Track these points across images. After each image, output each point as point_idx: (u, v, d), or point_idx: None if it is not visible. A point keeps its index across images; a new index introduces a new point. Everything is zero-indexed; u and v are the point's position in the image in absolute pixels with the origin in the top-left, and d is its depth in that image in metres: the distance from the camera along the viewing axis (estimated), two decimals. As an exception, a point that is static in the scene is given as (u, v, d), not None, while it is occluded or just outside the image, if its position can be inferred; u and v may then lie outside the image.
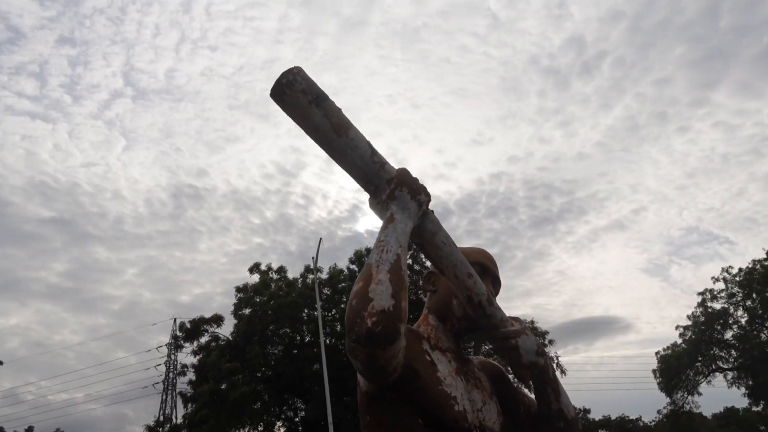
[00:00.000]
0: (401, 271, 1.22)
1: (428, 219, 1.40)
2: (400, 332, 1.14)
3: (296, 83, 1.26)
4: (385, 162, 1.38)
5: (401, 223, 1.31)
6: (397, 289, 1.17)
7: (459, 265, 1.40)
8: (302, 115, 1.29)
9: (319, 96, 1.29)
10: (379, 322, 1.10)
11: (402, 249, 1.26)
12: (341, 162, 1.35)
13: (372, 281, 1.17)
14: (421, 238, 1.40)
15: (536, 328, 22.50)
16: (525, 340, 1.45)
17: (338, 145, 1.31)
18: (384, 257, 1.23)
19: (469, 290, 1.41)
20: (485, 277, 1.57)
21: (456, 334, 1.56)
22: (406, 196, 1.35)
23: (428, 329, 1.55)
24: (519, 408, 1.63)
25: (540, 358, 1.47)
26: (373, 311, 1.11)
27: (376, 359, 1.14)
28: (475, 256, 1.60)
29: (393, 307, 1.13)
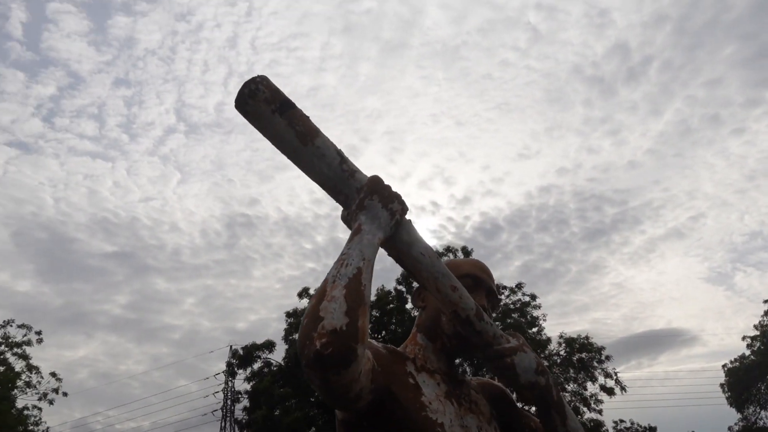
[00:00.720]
0: (361, 286, 1.11)
1: (403, 229, 1.29)
2: (356, 354, 1.03)
3: (259, 92, 1.21)
4: (355, 170, 1.30)
5: (368, 234, 1.20)
6: (354, 306, 1.06)
7: (441, 277, 1.29)
8: (266, 125, 1.24)
9: (283, 104, 1.23)
10: (330, 343, 1.00)
11: (365, 262, 1.15)
12: (309, 172, 1.27)
13: (324, 298, 1.07)
14: (396, 251, 1.30)
15: (591, 344, 21.76)
16: (522, 358, 1.33)
17: (304, 154, 1.24)
18: (342, 272, 1.12)
19: (454, 305, 1.29)
20: (478, 290, 1.47)
21: (448, 354, 1.45)
22: (376, 205, 1.24)
23: (415, 349, 1.44)
24: None
25: (540, 377, 1.34)
26: (323, 331, 1.01)
27: (331, 384, 1.03)
28: (466, 268, 1.51)
29: (347, 326, 1.03)
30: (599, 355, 21.44)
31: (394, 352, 1.36)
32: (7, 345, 21.87)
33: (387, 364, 1.27)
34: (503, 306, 21.15)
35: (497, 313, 21.15)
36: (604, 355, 21.95)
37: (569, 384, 21.27)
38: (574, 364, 21.28)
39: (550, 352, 21.62)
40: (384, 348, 1.34)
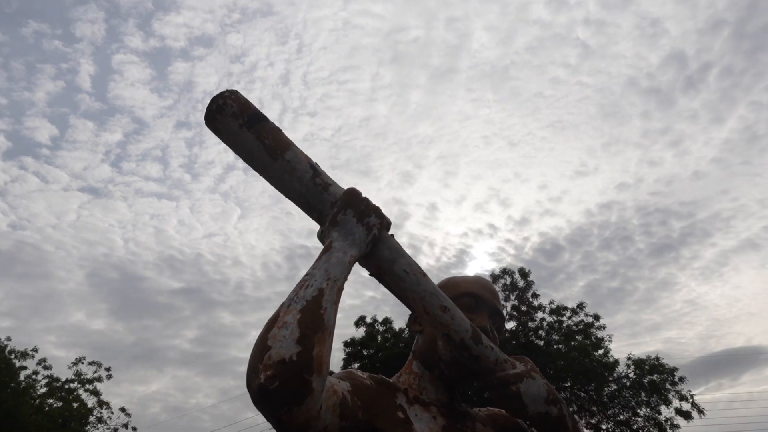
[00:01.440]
0: (320, 309, 0.98)
1: (384, 245, 1.18)
2: (310, 387, 0.90)
3: (227, 107, 1.16)
4: (330, 183, 1.20)
5: (338, 252, 1.09)
6: (308, 333, 0.93)
7: (428, 297, 1.17)
8: (235, 141, 1.17)
9: (252, 117, 1.17)
10: (276, 375, 0.87)
11: (330, 282, 1.03)
12: (280, 188, 1.20)
13: (275, 325, 0.94)
14: (377, 269, 1.19)
15: (662, 365, 20.76)
16: (530, 385, 1.18)
17: (274, 169, 1.17)
18: (300, 294, 1.00)
19: (445, 327, 1.17)
20: (479, 310, 1.34)
21: (447, 383, 1.30)
22: (350, 219, 1.13)
23: (410, 378, 1.31)
24: None
25: (552, 407, 1.18)
26: (269, 363, 0.89)
27: (284, 423, 0.91)
28: (465, 286, 1.38)
29: (298, 355, 0.90)
30: (672, 377, 20.42)
31: (382, 383, 1.24)
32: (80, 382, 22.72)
33: (371, 397, 1.15)
34: (566, 328, 20.53)
35: (560, 335, 20.52)
36: (677, 376, 20.89)
37: (641, 408, 20.31)
38: (646, 387, 20.32)
39: (619, 374, 20.75)
40: (370, 378, 1.22)
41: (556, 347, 20.24)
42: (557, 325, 20.75)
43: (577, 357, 19.21)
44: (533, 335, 20.72)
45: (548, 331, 20.75)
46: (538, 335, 20.76)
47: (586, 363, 19.18)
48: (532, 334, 20.75)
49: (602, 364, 19.73)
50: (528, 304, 21.08)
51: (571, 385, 19.89)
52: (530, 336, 20.64)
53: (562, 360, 19.24)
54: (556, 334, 20.70)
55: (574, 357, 19.18)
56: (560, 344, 20.36)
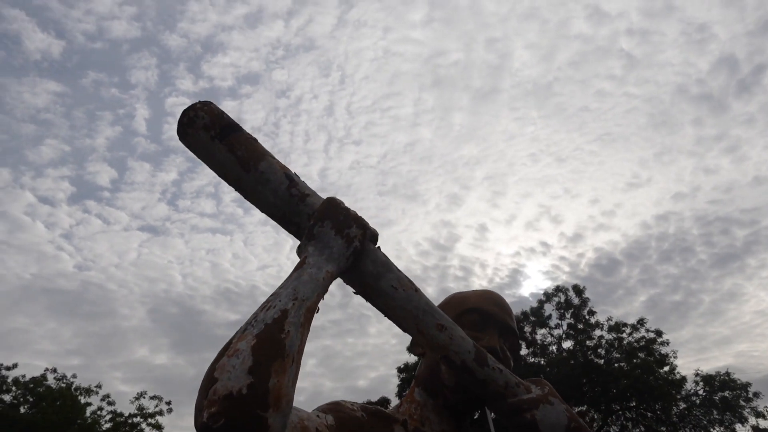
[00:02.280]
0: (281, 333, 0.84)
1: (367, 258, 1.07)
2: (264, 425, 0.76)
3: (197, 119, 1.09)
4: (308, 194, 1.10)
5: (312, 268, 0.96)
6: (263, 361, 0.80)
7: (422, 315, 1.05)
8: (207, 154, 1.10)
9: (225, 129, 1.10)
10: (220, 413, 0.74)
11: (297, 302, 0.89)
12: (254, 202, 1.12)
13: (225, 353, 0.81)
14: (361, 286, 1.08)
15: (734, 380, 19.67)
16: (547, 412, 1.03)
17: (247, 182, 1.09)
18: (260, 317, 0.86)
19: (443, 348, 1.05)
20: (487, 328, 1.19)
21: (453, 412, 1.15)
22: (328, 232, 1.02)
23: (411, 408, 1.17)
24: None
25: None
26: (214, 398, 0.76)
27: None
28: (472, 301, 1.24)
29: (248, 387, 0.77)
30: (745, 393, 19.31)
31: (376, 416, 1.11)
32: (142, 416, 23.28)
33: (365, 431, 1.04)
34: (627, 345, 19.79)
35: (620, 352, 19.77)
36: (751, 392, 19.73)
37: (714, 427, 19.26)
38: (717, 405, 19.27)
39: (687, 392, 19.79)
40: (363, 410, 1.10)
41: (617, 365, 19.52)
42: (617, 342, 20.04)
43: (640, 375, 18.45)
44: (592, 354, 20.06)
45: (608, 349, 20.06)
46: (597, 354, 20.10)
47: (651, 381, 18.43)
48: (591, 352, 20.09)
49: (668, 382, 18.90)
50: (585, 321, 20.47)
51: (636, 404, 19.09)
52: (589, 355, 19.99)
53: (625, 379, 18.53)
54: (616, 351, 19.99)
55: (638, 375, 18.43)
56: (622, 362, 19.62)
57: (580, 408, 20.03)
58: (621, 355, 19.82)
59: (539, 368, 20.11)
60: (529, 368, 20.04)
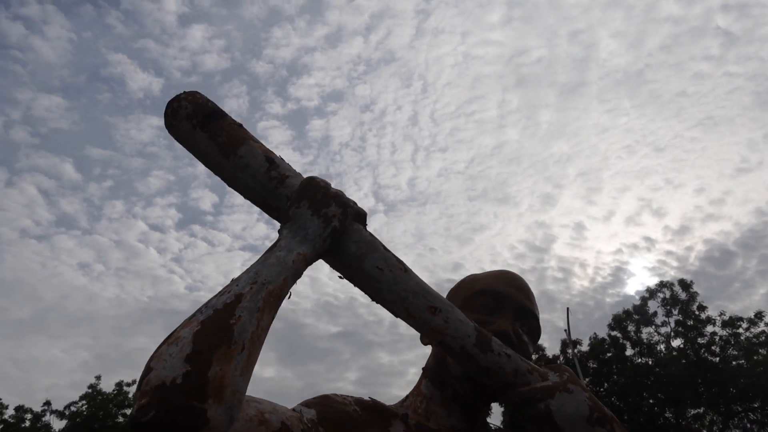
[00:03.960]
0: (231, 319, 0.77)
1: (349, 239, 0.99)
2: (203, 417, 0.69)
3: (181, 109, 1.07)
4: (288, 176, 1.04)
5: (281, 251, 0.90)
6: (204, 348, 0.73)
7: (412, 297, 0.97)
8: (190, 144, 1.08)
9: (207, 117, 1.07)
10: (150, 405, 0.68)
11: (256, 286, 0.83)
12: (236, 188, 1.07)
13: (167, 341, 0.76)
14: (345, 268, 1.01)
15: None
16: (565, 401, 0.92)
17: (228, 168, 1.05)
18: (211, 303, 0.80)
19: (438, 333, 0.95)
20: (502, 311, 1.09)
21: (463, 405, 1.05)
22: (304, 213, 0.95)
23: (416, 402, 1.08)
24: None
25: (599, 428, 0.91)
26: (146, 389, 0.70)
27: None
28: (483, 283, 1.14)
29: (184, 377, 0.70)
30: None
31: (372, 410, 1.02)
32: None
33: (350, 428, 0.95)
34: (745, 341, 18.51)
35: (738, 349, 18.54)
36: None
37: None
38: None
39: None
40: (358, 404, 1.02)
41: (735, 363, 18.35)
42: (733, 338, 18.81)
43: (763, 373, 17.22)
44: (706, 351, 18.99)
45: (723, 347, 18.88)
46: (711, 351, 19.00)
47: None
48: (704, 350, 19.02)
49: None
50: (694, 317, 19.41)
51: (761, 405, 17.80)
52: (702, 353, 18.94)
53: (744, 377, 17.38)
54: (733, 348, 18.77)
55: (760, 373, 17.23)
56: (740, 360, 18.41)
57: (697, 410, 19.03)
58: (739, 352, 18.59)
59: (647, 369, 19.38)
60: (636, 369, 19.37)
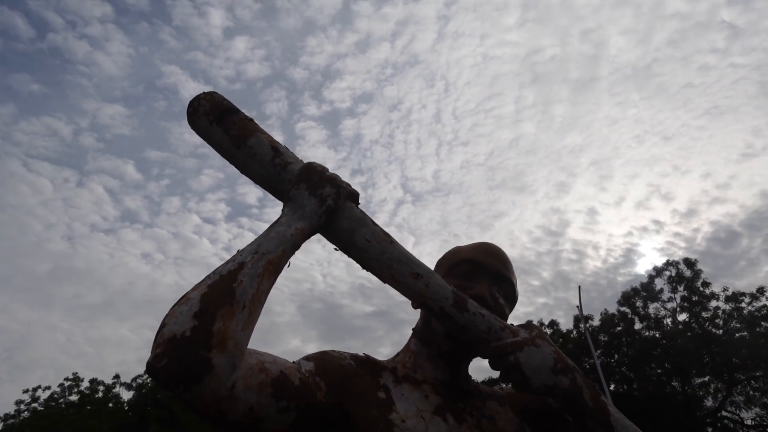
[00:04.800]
0: (234, 283, 0.87)
1: (342, 216, 1.10)
2: (209, 364, 0.78)
3: (200, 107, 1.19)
4: (290, 162, 1.15)
5: (281, 226, 1.01)
6: (209, 308, 0.82)
7: (396, 265, 1.09)
8: (208, 137, 1.20)
9: (222, 113, 1.18)
10: (164, 354, 0.77)
11: (257, 256, 0.93)
12: (248, 174, 1.18)
13: (178, 302, 0.85)
14: (339, 241, 1.12)
15: None
16: (531, 354, 1.02)
17: (239, 158, 1.16)
18: (218, 270, 0.90)
19: (420, 296, 1.08)
20: (479, 277, 1.20)
21: (448, 360, 1.17)
22: (302, 193, 1.06)
23: (406, 357, 1.20)
24: None
25: (561, 377, 1.01)
26: (160, 341, 0.79)
27: (190, 404, 0.80)
28: (464, 253, 1.26)
29: (192, 330, 0.79)
30: None
31: (365, 364, 1.13)
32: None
33: (342, 378, 1.04)
34: (748, 315, 19.49)
35: (741, 322, 19.49)
36: None
37: None
38: None
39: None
40: (353, 359, 1.11)
41: (738, 335, 19.34)
42: (736, 312, 19.79)
43: (764, 344, 18.18)
44: (710, 325, 20.00)
45: (726, 320, 19.87)
46: (715, 324, 20.00)
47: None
48: (708, 323, 20.04)
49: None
50: (699, 293, 20.41)
51: (762, 374, 18.80)
52: (707, 326, 19.96)
53: (746, 348, 18.39)
54: (736, 322, 19.75)
55: (762, 344, 18.18)
56: (743, 332, 19.39)
57: (702, 379, 20.03)
58: (741, 325, 19.53)
59: (654, 341, 20.41)
60: (644, 342, 20.41)
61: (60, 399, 21.06)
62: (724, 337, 19.44)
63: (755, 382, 19.19)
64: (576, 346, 21.59)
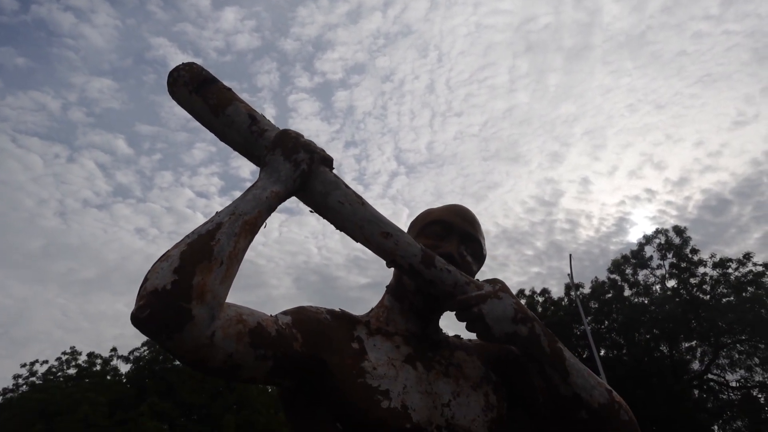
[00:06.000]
0: (212, 241, 0.93)
1: (316, 179, 1.15)
2: (189, 315, 0.85)
3: (180, 78, 1.21)
4: (266, 129, 1.19)
5: (258, 189, 1.06)
6: (188, 263, 0.89)
7: (367, 225, 1.14)
8: (188, 107, 1.23)
9: (201, 83, 1.21)
10: (147, 305, 0.85)
11: (234, 216, 0.99)
12: (226, 142, 1.22)
13: (159, 259, 0.92)
14: (313, 203, 1.17)
15: None
16: (494, 305, 1.10)
17: (218, 126, 1.20)
18: (197, 230, 0.96)
19: (390, 254, 1.14)
20: (449, 236, 1.26)
21: (418, 314, 1.24)
22: (278, 158, 1.11)
23: (379, 312, 1.26)
24: (537, 397, 1.19)
25: (521, 326, 1.09)
26: (143, 294, 0.87)
27: (172, 351, 0.88)
28: (435, 214, 1.31)
29: (172, 284, 0.86)
30: None
31: (341, 318, 1.19)
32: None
33: (318, 330, 1.10)
34: (734, 280, 19.83)
35: (728, 288, 19.82)
36: None
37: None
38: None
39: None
40: (329, 313, 1.18)
41: (725, 301, 19.71)
42: (723, 278, 20.12)
43: (750, 309, 18.57)
44: (697, 290, 20.35)
45: (713, 285, 20.22)
46: (702, 290, 20.34)
47: (762, 314, 18.45)
48: (696, 289, 20.39)
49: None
50: (687, 260, 20.70)
51: (747, 337, 19.23)
52: (694, 291, 20.31)
53: (732, 313, 18.77)
54: (723, 287, 20.09)
55: (747, 309, 18.56)
56: (729, 297, 19.76)
57: (690, 343, 20.48)
58: (728, 290, 19.89)
59: (643, 307, 20.78)
60: (633, 308, 20.78)
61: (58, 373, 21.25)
62: (711, 303, 19.81)
63: (740, 346, 19.63)
64: (567, 313, 21.95)
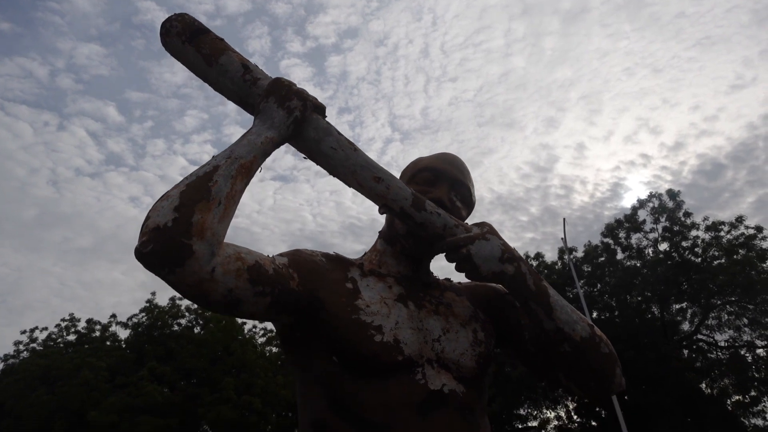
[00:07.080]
0: (209, 182, 0.97)
1: (309, 126, 1.17)
2: (190, 250, 0.90)
3: (172, 28, 1.22)
4: (260, 78, 1.21)
5: (252, 135, 1.09)
6: (187, 202, 0.93)
7: (359, 170, 1.16)
8: (182, 57, 1.24)
9: (193, 33, 1.22)
10: (149, 241, 0.89)
11: (230, 160, 1.02)
12: (220, 91, 1.24)
13: (160, 199, 0.96)
14: (307, 150, 1.19)
15: None
16: (481, 246, 1.13)
17: (211, 75, 1.21)
18: (195, 172, 1.00)
19: (382, 198, 1.16)
20: (439, 183, 1.30)
21: (409, 256, 1.29)
22: (271, 106, 1.13)
23: (372, 255, 1.32)
24: (523, 333, 1.27)
25: (507, 265, 1.13)
26: (145, 230, 0.91)
27: (174, 285, 0.92)
28: (425, 161, 1.35)
29: (173, 221, 0.90)
30: None
31: (336, 260, 1.25)
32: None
33: (313, 270, 1.16)
34: (726, 243, 20.03)
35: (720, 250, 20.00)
36: None
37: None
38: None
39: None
40: (324, 256, 1.23)
41: (716, 263, 19.93)
42: (715, 241, 20.31)
43: (741, 270, 18.79)
44: (689, 253, 20.55)
45: (705, 248, 20.42)
46: (694, 253, 20.54)
47: (753, 276, 18.70)
48: (688, 252, 20.59)
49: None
50: (680, 223, 20.84)
51: (737, 299, 19.53)
52: (686, 254, 20.51)
53: (722, 275, 19.01)
54: (714, 250, 20.29)
55: (737, 271, 18.78)
56: (720, 260, 19.98)
57: (681, 305, 20.82)
58: (720, 252, 20.08)
59: (636, 270, 21.01)
60: (625, 271, 21.01)
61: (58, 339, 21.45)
62: (703, 265, 20.02)
63: (730, 307, 19.96)
64: (560, 276, 22.16)
